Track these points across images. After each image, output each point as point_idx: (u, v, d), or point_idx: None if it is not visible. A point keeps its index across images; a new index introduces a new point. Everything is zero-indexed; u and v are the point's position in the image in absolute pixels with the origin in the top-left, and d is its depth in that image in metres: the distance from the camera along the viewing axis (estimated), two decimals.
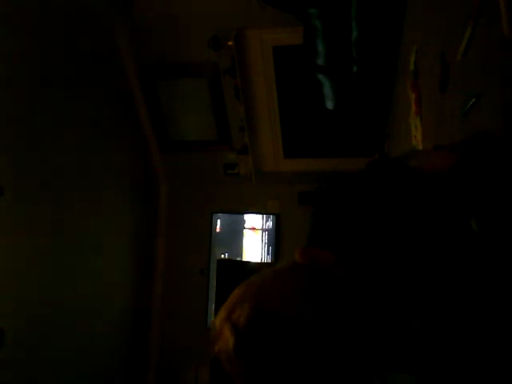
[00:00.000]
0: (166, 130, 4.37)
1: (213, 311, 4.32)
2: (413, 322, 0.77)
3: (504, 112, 1.09)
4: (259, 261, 4.34)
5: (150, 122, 4.33)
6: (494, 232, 0.82)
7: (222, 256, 4.40)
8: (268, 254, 4.36)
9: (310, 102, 3.67)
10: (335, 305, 0.67)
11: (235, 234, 4.43)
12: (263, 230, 4.38)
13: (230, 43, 3.57)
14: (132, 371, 4.22)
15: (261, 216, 4.39)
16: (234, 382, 0.67)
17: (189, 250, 4.51)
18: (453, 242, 0.82)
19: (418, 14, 2.32)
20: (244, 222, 4.43)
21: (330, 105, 3.33)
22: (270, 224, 4.37)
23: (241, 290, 0.71)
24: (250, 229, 4.41)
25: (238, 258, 4.37)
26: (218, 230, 4.48)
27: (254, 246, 4.39)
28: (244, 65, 3.77)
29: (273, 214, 4.36)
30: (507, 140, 1.02)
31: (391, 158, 0.97)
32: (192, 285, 4.41)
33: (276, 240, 4.34)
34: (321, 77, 3.14)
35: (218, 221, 4.48)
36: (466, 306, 0.78)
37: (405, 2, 2.58)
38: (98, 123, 3.62)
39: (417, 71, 2.20)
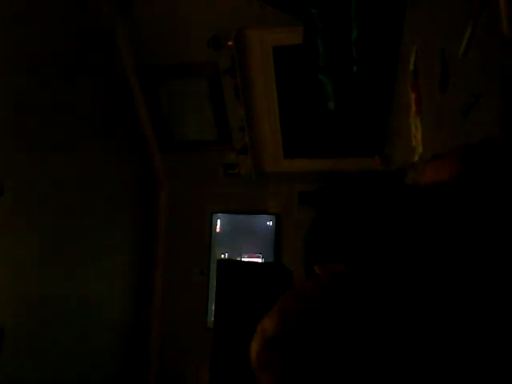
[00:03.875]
0: (166, 129, 4.37)
1: (213, 311, 4.31)
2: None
3: (504, 112, 1.09)
4: (259, 261, 4.34)
5: (150, 122, 4.33)
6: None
7: (222, 256, 4.39)
8: (268, 253, 4.35)
9: (310, 102, 3.67)
10: (357, 311, 0.72)
11: (235, 234, 4.43)
12: (263, 230, 4.37)
13: (230, 43, 3.57)
14: (132, 371, 4.22)
15: (261, 216, 4.39)
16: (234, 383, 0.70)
17: (189, 250, 4.51)
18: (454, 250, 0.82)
19: (418, 14, 2.32)
20: (244, 222, 4.42)
21: (330, 105, 3.33)
22: (270, 224, 4.36)
23: (276, 320, 0.72)
24: (249, 228, 4.40)
25: (238, 258, 4.37)
26: (217, 230, 4.47)
27: (253, 245, 4.38)
28: (244, 65, 3.77)
29: (273, 214, 4.36)
30: (507, 143, 1.02)
31: (388, 173, 0.99)
32: (192, 285, 4.41)
33: (276, 240, 4.33)
34: (321, 77, 3.14)
35: (218, 221, 4.47)
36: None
37: (405, 2, 2.58)
38: (98, 123, 3.62)
39: (417, 71, 2.20)
